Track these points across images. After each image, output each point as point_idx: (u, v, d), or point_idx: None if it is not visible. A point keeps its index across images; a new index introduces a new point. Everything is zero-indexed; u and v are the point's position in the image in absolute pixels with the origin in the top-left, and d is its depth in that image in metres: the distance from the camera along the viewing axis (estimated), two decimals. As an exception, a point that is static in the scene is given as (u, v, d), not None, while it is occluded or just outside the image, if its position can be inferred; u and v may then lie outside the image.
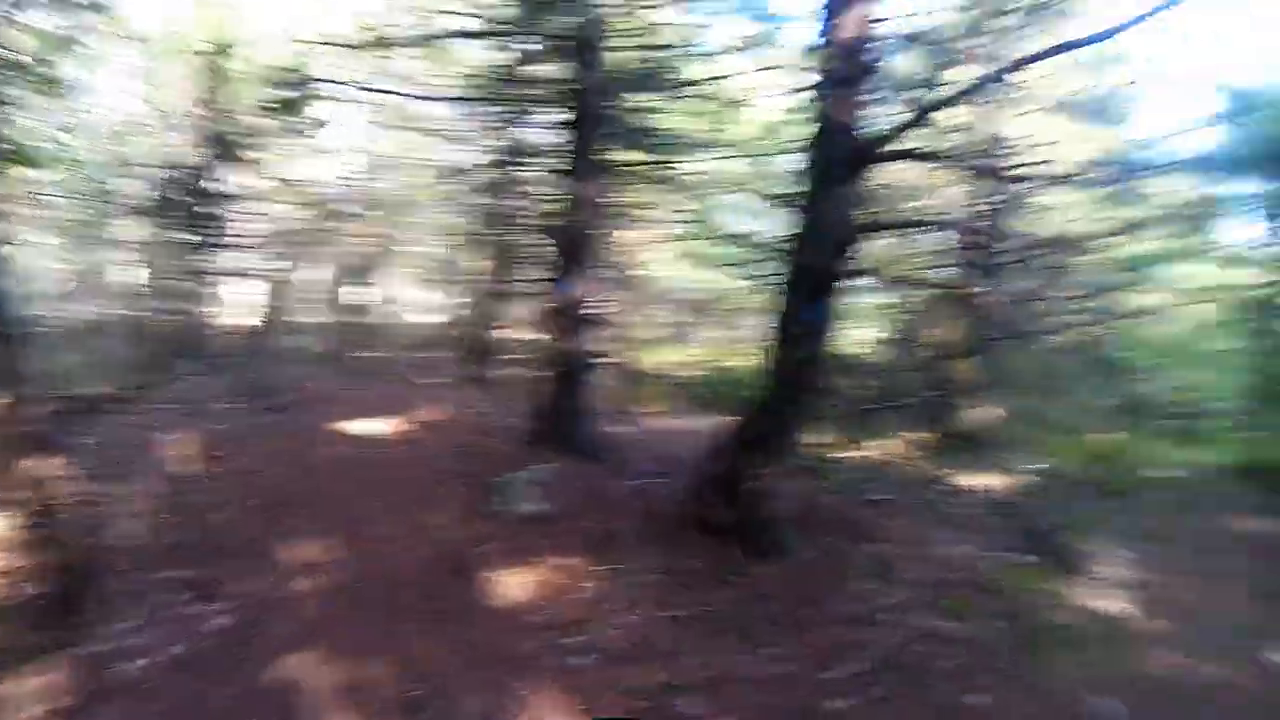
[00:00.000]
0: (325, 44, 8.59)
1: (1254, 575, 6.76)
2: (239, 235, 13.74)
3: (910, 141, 6.37)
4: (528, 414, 8.98)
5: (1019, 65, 5.56)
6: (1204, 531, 7.80)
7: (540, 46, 9.00)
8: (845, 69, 5.92)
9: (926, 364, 11.69)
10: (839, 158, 5.99)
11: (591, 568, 5.81)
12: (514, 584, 5.51)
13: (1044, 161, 7.16)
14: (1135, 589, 6.32)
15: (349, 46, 8.56)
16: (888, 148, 6.16)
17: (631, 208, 12.98)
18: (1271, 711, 4.86)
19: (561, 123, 8.99)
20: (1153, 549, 7.09)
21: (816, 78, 6.20)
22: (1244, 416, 12.52)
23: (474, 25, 8.98)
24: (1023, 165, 9.01)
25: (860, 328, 12.82)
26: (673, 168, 10.33)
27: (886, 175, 8.97)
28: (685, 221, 13.83)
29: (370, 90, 10.07)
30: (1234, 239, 10.71)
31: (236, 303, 16.42)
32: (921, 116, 5.81)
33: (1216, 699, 4.90)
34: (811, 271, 5.99)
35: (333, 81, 8.59)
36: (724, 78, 9.35)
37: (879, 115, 7.47)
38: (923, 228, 9.26)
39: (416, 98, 11.38)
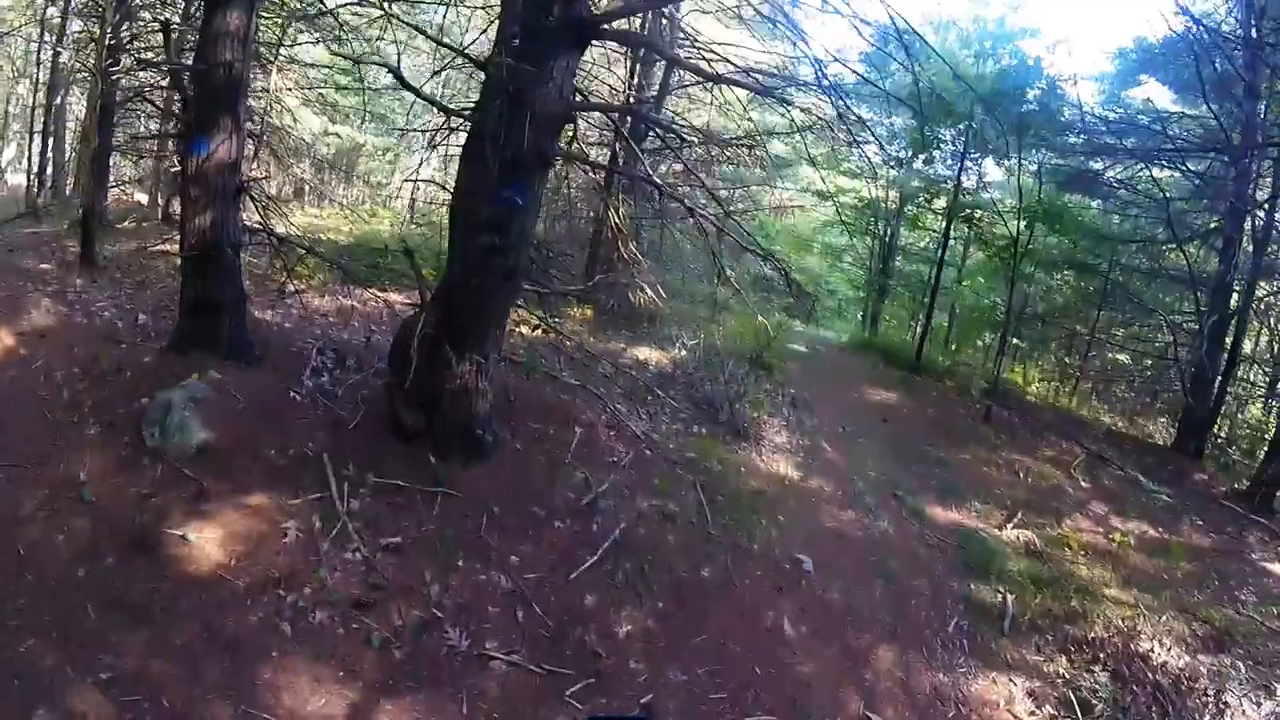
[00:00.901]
0: None
1: (885, 437, 8.60)
2: None
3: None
4: (160, 309, 7.15)
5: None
6: (841, 400, 9.58)
7: None
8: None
9: (589, 243, 12.00)
10: (559, 27, 5.25)
11: (288, 502, 4.90)
12: (209, 543, 4.42)
13: (730, 62, 7.52)
14: (799, 453, 7.55)
15: None
16: (608, 25, 5.80)
17: (271, 46, 10.75)
18: (912, 549, 6.32)
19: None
20: (804, 417, 8.49)
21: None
22: (861, 302, 15.59)
23: None
24: (704, 61, 9.44)
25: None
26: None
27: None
28: (339, 69, 11.91)
29: None
30: (863, 155, 12.67)
31: None
32: (655, 3, 5.50)
33: (877, 543, 6.22)
34: (513, 148, 5.21)
35: None
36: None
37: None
38: (613, 111, 9.09)
39: None
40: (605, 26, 5.66)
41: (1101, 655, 5.35)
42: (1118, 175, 11.89)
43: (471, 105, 6.24)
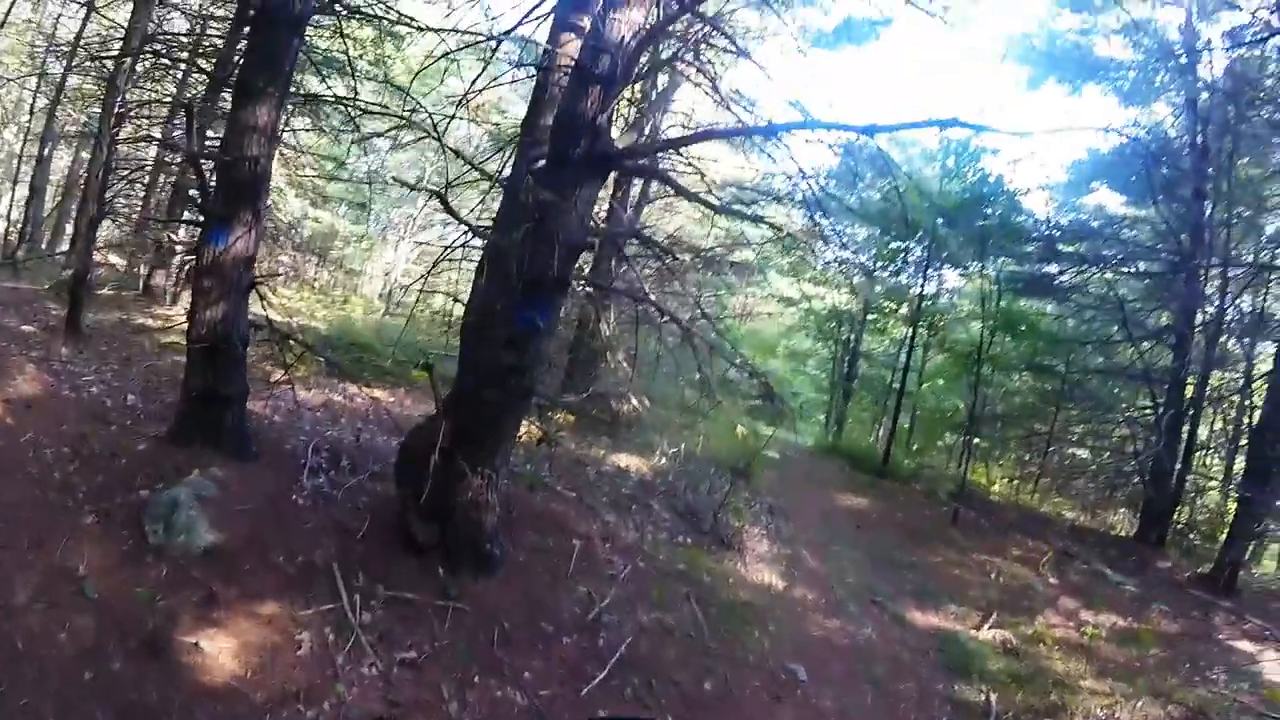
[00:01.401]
0: None
1: (860, 544, 8.86)
2: None
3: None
4: (149, 390, 7.08)
5: (769, 132, 5.84)
6: (815, 507, 9.87)
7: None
8: (610, 68, 5.36)
9: (571, 348, 12.22)
10: (584, 160, 5.46)
11: (300, 612, 4.77)
12: (223, 653, 4.30)
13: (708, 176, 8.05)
14: (781, 562, 7.75)
15: None
16: (634, 161, 6.21)
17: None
18: (895, 653, 6.50)
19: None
20: (782, 525, 8.73)
21: (566, 66, 5.83)
22: (824, 405, 16.15)
23: None
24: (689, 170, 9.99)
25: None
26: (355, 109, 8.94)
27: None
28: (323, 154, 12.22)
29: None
30: (826, 263, 13.43)
31: None
32: (676, 143, 5.99)
33: (862, 650, 6.39)
34: (533, 270, 5.30)
35: None
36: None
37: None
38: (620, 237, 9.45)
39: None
40: (626, 161, 6.03)
41: (1084, 746, 5.56)
42: (1071, 279, 12.77)
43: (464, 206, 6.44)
